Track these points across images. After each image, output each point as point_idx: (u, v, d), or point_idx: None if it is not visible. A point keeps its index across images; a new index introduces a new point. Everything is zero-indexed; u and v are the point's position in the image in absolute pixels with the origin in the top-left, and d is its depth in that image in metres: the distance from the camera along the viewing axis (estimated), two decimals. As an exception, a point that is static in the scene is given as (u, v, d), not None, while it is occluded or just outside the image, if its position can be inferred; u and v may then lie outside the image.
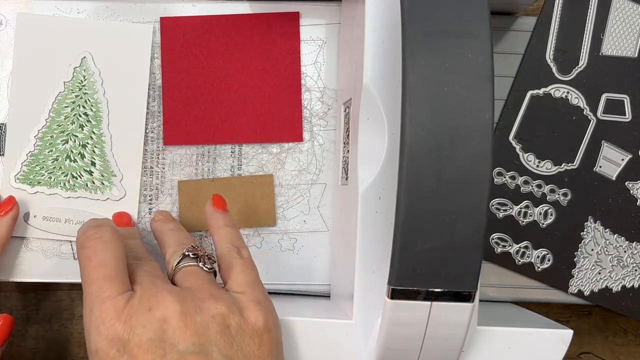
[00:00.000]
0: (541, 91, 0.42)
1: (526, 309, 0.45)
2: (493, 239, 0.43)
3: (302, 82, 0.45)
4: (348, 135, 0.41)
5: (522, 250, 0.44)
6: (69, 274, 0.44)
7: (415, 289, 0.31)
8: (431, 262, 0.31)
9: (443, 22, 0.30)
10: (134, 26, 0.44)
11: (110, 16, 0.44)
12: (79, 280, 0.43)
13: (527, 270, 0.44)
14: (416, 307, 0.32)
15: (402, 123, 0.30)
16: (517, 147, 0.42)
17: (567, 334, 0.38)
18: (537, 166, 0.42)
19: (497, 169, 0.44)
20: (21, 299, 0.49)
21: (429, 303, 0.32)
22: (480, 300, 0.40)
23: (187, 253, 0.36)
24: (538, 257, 0.44)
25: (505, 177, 0.43)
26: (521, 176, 0.43)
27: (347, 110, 0.42)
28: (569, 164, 0.42)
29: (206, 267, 0.36)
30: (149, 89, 0.44)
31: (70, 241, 0.44)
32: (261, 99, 0.44)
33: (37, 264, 0.43)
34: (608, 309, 0.45)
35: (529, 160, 0.42)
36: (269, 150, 0.45)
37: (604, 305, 0.45)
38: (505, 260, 0.44)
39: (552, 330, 0.38)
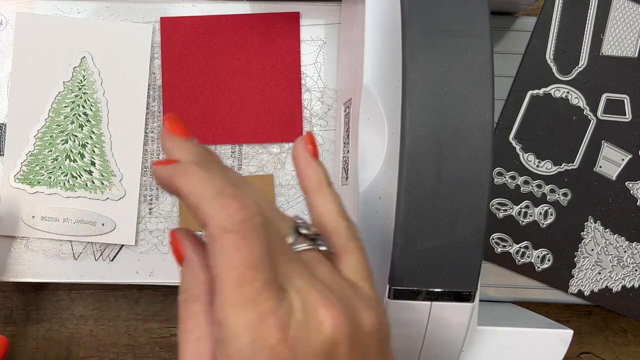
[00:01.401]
0: (541, 91, 0.42)
1: (526, 309, 0.45)
2: (493, 239, 0.43)
3: (302, 82, 0.45)
4: (348, 135, 0.41)
5: (522, 250, 0.44)
6: (69, 274, 0.44)
7: (416, 289, 0.31)
8: (431, 262, 0.31)
9: (443, 22, 0.30)
10: (134, 26, 0.44)
11: (110, 16, 0.44)
12: (79, 280, 0.44)
13: (527, 270, 0.44)
14: (416, 307, 0.32)
15: (402, 123, 0.30)
16: (517, 147, 0.42)
17: (567, 334, 0.38)
18: (537, 166, 0.42)
19: (497, 169, 0.43)
20: (21, 299, 0.49)
21: (429, 303, 0.32)
22: (480, 300, 0.40)
23: (302, 231, 0.27)
24: (538, 257, 0.44)
25: (505, 177, 0.43)
26: (521, 176, 0.43)
27: (347, 110, 0.42)
28: (569, 164, 0.42)
29: (327, 250, 0.28)
30: (149, 89, 0.44)
31: (70, 241, 0.44)
32: (261, 99, 0.44)
33: (37, 264, 0.43)
34: (608, 309, 0.45)
35: (529, 160, 0.42)
36: (269, 150, 0.45)
37: (604, 305, 0.45)
38: (506, 260, 0.44)
39: (552, 330, 0.38)
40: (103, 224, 0.43)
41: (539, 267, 0.44)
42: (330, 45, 0.45)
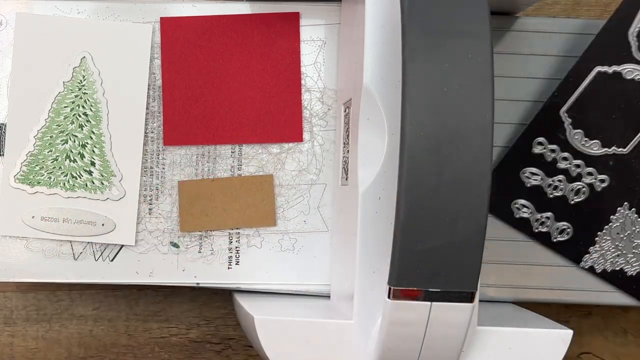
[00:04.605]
0: (611, 69, 0.39)
1: (526, 309, 0.45)
2: (515, 204, 0.42)
3: (302, 82, 0.45)
4: (348, 135, 0.41)
5: (543, 219, 0.43)
6: (69, 274, 0.44)
7: (415, 289, 0.31)
8: (431, 262, 0.31)
9: (443, 22, 0.30)
10: (133, 26, 0.44)
11: (110, 16, 0.44)
12: (79, 280, 0.44)
13: (542, 238, 0.43)
14: (416, 307, 0.32)
15: (402, 123, 0.30)
16: (567, 122, 0.41)
17: (567, 334, 0.38)
18: (584, 145, 0.40)
19: (538, 139, 0.42)
20: (21, 299, 0.49)
21: (428, 303, 0.32)
22: (480, 300, 0.40)
23: None
24: (557, 228, 0.43)
25: (545, 148, 0.42)
26: (562, 151, 0.42)
27: (347, 110, 0.42)
28: (619, 149, 0.41)
29: None
30: (149, 89, 0.44)
31: (70, 241, 0.44)
32: (261, 99, 0.44)
33: (37, 264, 0.43)
34: (616, 290, 0.44)
35: (576, 137, 0.40)
36: (269, 151, 0.45)
37: (613, 284, 0.44)
38: (523, 226, 0.43)
39: (552, 330, 0.38)
40: (103, 224, 0.43)
41: (555, 238, 0.43)
42: (330, 45, 0.45)
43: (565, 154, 0.41)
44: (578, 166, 0.40)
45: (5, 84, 0.43)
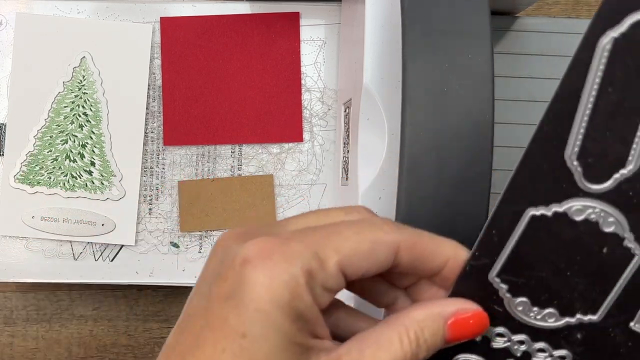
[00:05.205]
0: (550, 211, 0.26)
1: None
2: None
3: (302, 82, 0.45)
4: (348, 135, 0.41)
5: None
6: (69, 274, 0.44)
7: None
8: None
9: (443, 22, 0.30)
10: (133, 26, 0.44)
11: (110, 16, 0.44)
12: (79, 280, 0.44)
13: None
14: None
15: (402, 123, 0.30)
16: (503, 289, 0.27)
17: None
18: (534, 317, 0.27)
19: None
20: (21, 299, 0.49)
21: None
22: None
23: None
24: None
25: None
26: (496, 326, 0.28)
27: (347, 110, 0.42)
28: (587, 315, 0.27)
29: None
30: (149, 89, 0.44)
31: (70, 241, 0.43)
32: (261, 99, 0.44)
33: (37, 264, 0.43)
34: None
35: (519, 308, 0.27)
36: (269, 151, 0.45)
37: None
38: None
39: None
40: (103, 224, 0.43)
41: None
42: (330, 45, 0.45)
43: (502, 329, 0.28)
44: (522, 342, 0.28)
45: (5, 84, 0.43)
